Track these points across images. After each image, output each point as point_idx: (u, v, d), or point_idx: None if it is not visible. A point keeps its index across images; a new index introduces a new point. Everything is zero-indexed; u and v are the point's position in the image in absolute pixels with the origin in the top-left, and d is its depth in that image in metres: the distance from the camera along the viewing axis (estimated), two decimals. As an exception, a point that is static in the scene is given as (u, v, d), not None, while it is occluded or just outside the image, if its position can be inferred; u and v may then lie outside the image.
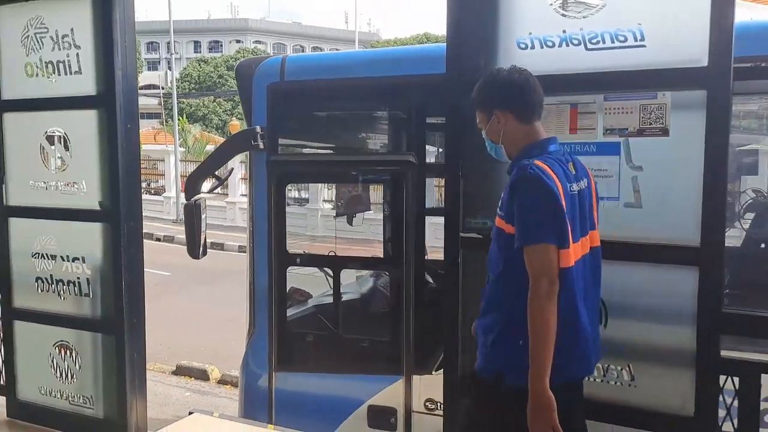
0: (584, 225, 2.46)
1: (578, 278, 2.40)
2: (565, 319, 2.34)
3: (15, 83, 4.11)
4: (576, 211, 2.42)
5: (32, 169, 4.07)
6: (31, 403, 4.27)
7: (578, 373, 2.52)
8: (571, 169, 2.47)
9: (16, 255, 4.25)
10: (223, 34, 67.23)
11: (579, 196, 2.44)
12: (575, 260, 2.37)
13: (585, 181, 2.52)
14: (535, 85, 2.53)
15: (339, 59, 5.77)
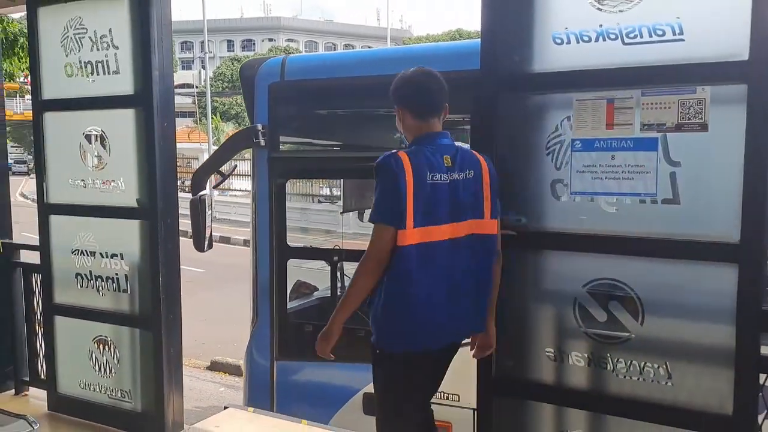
0: (455, 212, 2.62)
1: (426, 257, 2.58)
2: (396, 294, 2.61)
3: (55, 83, 4.19)
4: (440, 198, 2.59)
5: (71, 167, 4.15)
6: (72, 397, 4.36)
7: (415, 345, 2.68)
8: (446, 162, 2.62)
9: (57, 252, 4.34)
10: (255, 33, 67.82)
11: (451, 186, 2.61)
12: (419, 242, 2.56)
13: (469, 172, 2.66)
14: (431, 86, 2.74)
15: (337, 59, 5.94)
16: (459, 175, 2.64)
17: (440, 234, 2.61)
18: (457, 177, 2.64)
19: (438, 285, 2.64)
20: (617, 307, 2.72)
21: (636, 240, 2.67)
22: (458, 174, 2.64)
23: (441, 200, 2.60)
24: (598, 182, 2.71)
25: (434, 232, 2.59)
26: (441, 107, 2.76)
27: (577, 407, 2.87)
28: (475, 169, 2.68)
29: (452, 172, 2.63)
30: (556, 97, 2.84)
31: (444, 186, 2.60)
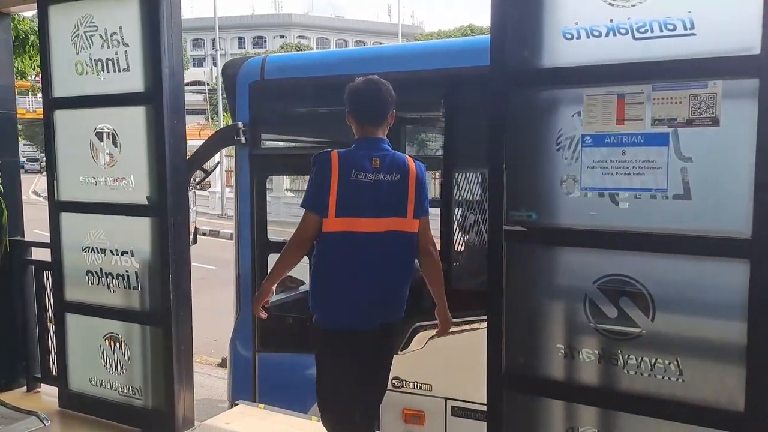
0: (380, 208, 2.96)
1: (343, 245, 2.94)
2: (320, 277, 3.02)
3: (65, 81, 4.22)
4: (360, 195, 2.94)
5: (82, 165, 4.18)
6: (82, 394, 4.39)
7: (338, 323, 3.02)
8: (374, 164, 2.97)
9: (68, 249, 4.37)
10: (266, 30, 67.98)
11: (384, 186, 2.96)
12: (337, 230, 2.93)
13: (396, 175, 2.99)
14: (376, 99, 3.05)
15: (315, 59, 6.14)
16: (385, 176, 2.97)
17: (361, 226, 2.94)
18: (383, 178, 2.97)
19: (357, 271, 2.97)
20: (628, 304, 2.70)
21: (647, 236, 2.65)
22: (384, 175, 2.97)
23: (363, 196, 2.94)
24: (608, 178, 2.70)
25: (355, 223, 2.94)
26: (383, 117, 3.09)
27: (587, 404, 2.86)
28: (402, 173, 3.01)
29: (378, 173, 2.97)
30: (566, 92, 2.82)
31: (367, 184, 2.94)
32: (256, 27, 68.73)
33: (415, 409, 3.91)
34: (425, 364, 4.29)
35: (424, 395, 4.35)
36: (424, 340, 4.36)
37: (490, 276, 2.99)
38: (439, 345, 4.18)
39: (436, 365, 4.33)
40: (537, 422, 3.00)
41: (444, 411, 4.25)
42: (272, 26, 68.36)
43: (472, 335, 4.14)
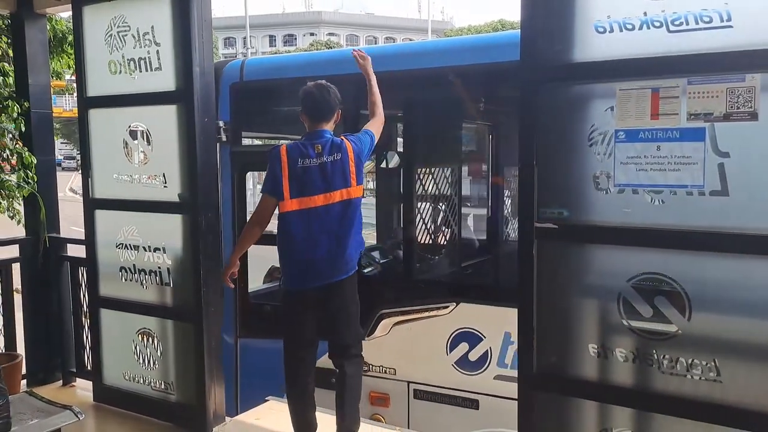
0: (328, 184, 3.50)
1: (298, 220, 3.51)
2: (282, 247, 3.61)
3: (99, 81, 4.28)
4: (309, 177, 3.50)
5: (116, 162, 4.23)
6: (116, 388, 4.45)
7: (294, 284, 3.61)
8: (317, 149, 3.53)
9: (102, 246, 4.43)
10: (297, 28, 68.31)
11: (320, 168, 3.51)
12: (302, 208, 3.50)
13: (337, 155, 3.52)
14: (321, 100, 3.62)
15: (289, 61, 6.44)
16: (327, 158, 3.52)
17: (314, 202, 3.51)
18: (326, 159, 3.52)
19: (311, 240, 3.52)
20: (663, 303, 2.64)
21: (683, 233, 2.59)
22: (327, 157, 3.52)
23: (312, 177, 3.51)
24: (642, 174, 2.64)
25: (309, 201, 3.51)
26: (327, 115, 3.64)
27: (621, 405, 2.81)
28: (342, 152, 3.54)
29: (321, 156, 3.52)
30: (598, 87, 2.76)
31: (315, 167, 3.51)
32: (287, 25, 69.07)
33: (381, 392, 4.15)
34: (389, 350, 4.52)
35: (389, 379, 4.58)
36: (389, 327, 4.57)
37: (520, 274, 2.95)
38: (402, 332, 4.51)
39: (400, 351, 4.56)
40: (569, 423, 2.95)
41: (407, 394, 4.49)
42: (302, 24, 68.65)
43: (431, 322, 4.42)
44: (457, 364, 4.39)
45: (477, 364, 4.34)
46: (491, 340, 4.28)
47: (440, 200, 5.05)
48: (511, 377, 4.01)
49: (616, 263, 2.77)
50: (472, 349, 4.35)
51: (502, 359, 4.10)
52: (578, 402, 2.91)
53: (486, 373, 4.31)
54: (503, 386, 4.14)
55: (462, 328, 4.36)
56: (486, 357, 4.31)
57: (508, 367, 4.15)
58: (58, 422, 3.53)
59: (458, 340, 4.37)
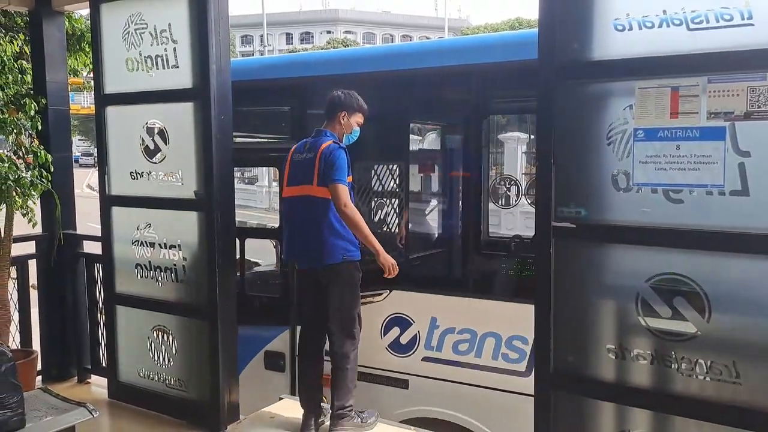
0: (299, 179, 3.94)
1: (289, 206, 4.03)
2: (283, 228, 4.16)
3: (116, 78, 4.30)
4: (296, 169, 3.98)
5: (132, 159, 4.25)
6: (131, 385, 4.47)
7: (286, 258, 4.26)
8: (306, 147, 3.97)
9: (118, 242, 4.45)
10: (313, 26, 68.46)
11: (304, 162, 3.93)
12: (288, 195, 4.01)
13: (311, 155, 3.90)
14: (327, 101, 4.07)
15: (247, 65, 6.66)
16: (307, 155, 3.93)
17: (292, 192, 3.98)
18: (306, 156, 3.93)
19: (292, 226, 4.02)
20: (682, 303, 2.62)
21: (702, 233, 2.56)
22: (306, 155, 3.93)
23: (296, 171, 3.97)
24: (662, 173, 2.62)
25: (290, 191, 4.00)
26: (331, 114, 4.05)
27: (639, 406, 2.78)
28: (315, 152, 3.88)
29: (305, 153, 3.95)
30: (617, 85, 2.75)
31: (300, 162, 3.96)
32: (304, 23, 69.25)
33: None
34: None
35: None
36: None
37: (537, 273, 2.94)
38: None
39: None
40: (586, 424, 2.93)
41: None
42: (319, 22, 68.80)
43: (368, 309, 4.57)
44: (390, 347, 4.73)
45: (407, 346, 4.68)
46: (419, 325, 4.64)
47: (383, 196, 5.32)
48: (436, 359, 4.49)
49: (634, 263, 2.75)
50: (403, 333, 4.70)
51: (429, 342, 4.45)
52: (595, 403, 2.89)
53: (415, 355, 4.65)
54: (430, 367, 4.52)
55: (394, 313, 4.70)
56: (415, 340, 4.65)
57: (434, 350, 4.50)
58: (72, 419, 3.54)
59: (391, 324, 4.72)
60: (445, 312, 4.55)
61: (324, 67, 5.33)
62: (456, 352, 4.48)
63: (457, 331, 4.48)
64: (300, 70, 5.37)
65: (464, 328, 4.46)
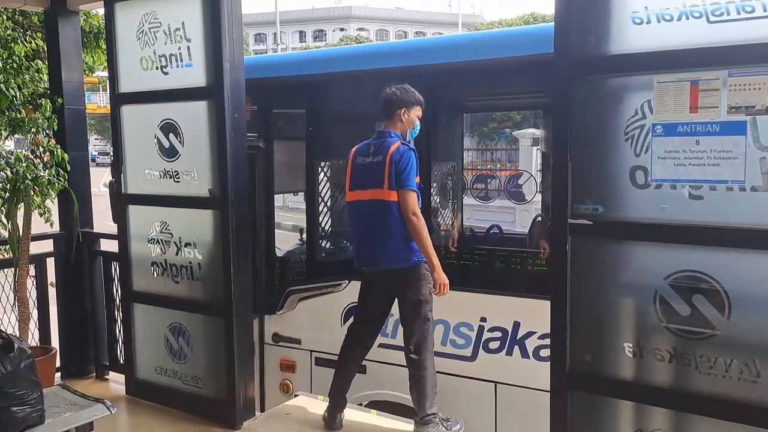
0: (366, 183, 3.84)
1: (353, 211, 3.97)
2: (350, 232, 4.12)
3: (131, 77, 4.30)
4: (361, 173, 3.88)
5: (148, 158, 4.26)
6: (148, 382, 4.49)
7: (356, 264, 4.01)
8: (371, 149, 3.86)
9: (135, 241, 4.46)
10: (326, 23, 68.42)
11: (370, 166, 3.83)
12: (354, 200, 3.93)
13: (379, 157, 3.79)
14: (383, 99, 3.91)
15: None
16: (374, 159, 3.83)
17: (358, 196, 3.90)
18: (373, 160, 3.83)
19: (359, 230, 3.96)
20: (701, 301, 2.58)
21: (722, 230, 2.53)
22: (373, 158, 3.83)
23: (361, 175, 3.88)
24: (681, 169, 2.58)
25: (355, 195, 3.92)
26: (384, 113, 3.95)
27: (657, 405, 2.75)
28: (383, 155, 3.78)
29: (371, 156, 3.85)
30: (635, 79, 2.71)
31: (364, 165, 3.86)
32: (317, 20, 69.21)
33: (289, 360, 4.75)
34: (296, 323, 5.12)
35: (295, 348, 5.15)
36: (295, 302, 5.14)
37: (553, 271, 2.91)
38: (306, 306, 5.11)
39: (304, 323, 5.14)
40: (603, 423, 2.91)
41: (310, 361, 5.10)
42: (332, 19, 68.72)
43: (329, 298, 4.98)
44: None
45: None
46: None
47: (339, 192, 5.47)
48: (391, 345, 4.62)
49: (652, 261, 2.72)
50: None
51: (384, 329, 4.51)
52: (612, 401, 2.87)
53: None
54: (386, 353, 4.68)
55: (353, 302, 4.68)
56: None
57: (389, 337, 4.66)
58: (90, 415, 3.56)
59: (350, 313, 4.76)
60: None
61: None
62: None
63: None
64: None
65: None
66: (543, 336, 4.14)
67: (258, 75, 4.92)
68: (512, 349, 4.33)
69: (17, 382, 3.25)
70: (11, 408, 3.22)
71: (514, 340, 4.32)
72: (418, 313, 3.82)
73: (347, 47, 19.94)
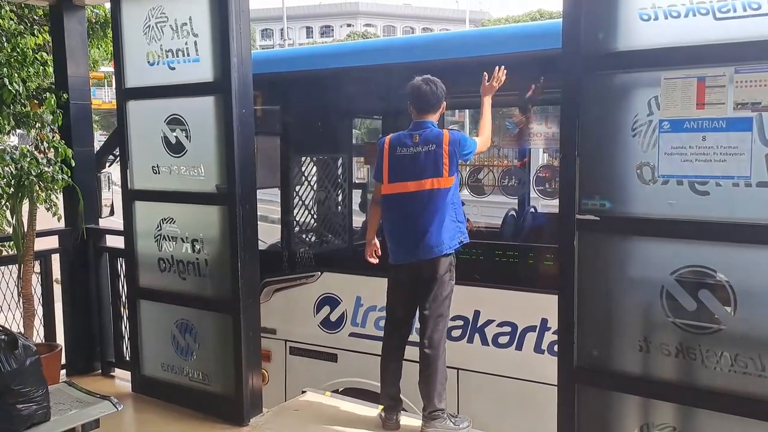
0: (418, 173, 3.80)
1: (393, 204, 3.90)
2: (384, 227, 4.01)
3: (137, 72, 4.30)
4: (404, 164, 3.84)
5: (154, 154, 4.26)
6: (155, 379, 4.49)
7: (394, 259, 3.93)
8: (414, 140, 3.84)
9: (141, 237, 4.46)
10: (334, 19, 68.42)
11: (418, 155, 3.81)
12: (390, 192, 3.89)
13: (431, 146, 3.79)
14: (424, 92, 3.87)
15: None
16: (422, 148, 3.81)
17: (406, 188, 3.84)
18: (420, 149, 3.81)
19: (403, 222, 3.87)
20: (708, 296, 2.60)
21: (728, 225, 2.54)
22: (421, 147, 3.81)
23: (406, 165, 3.83)
24: (687, 165, 2.59)
25: (402, 186, 3.85)
26: (431, 106, 3.90)
27: (664, 399, 2.77)
28: (437, 143, 3.79)
29: (417, 146, 3.82)
30: (642, 75, 2.72)
31: (409, 156, 3.83)
32: (324, 16, 69.18)
33: (265, 349, 4.73)
34: (272, 313, 5.17)
35: (271, 338, 5.25)
36: (271, 293, 5.29)
37: (561, 266, 2.92)
38: (281, 297, 5.29)
39: (279, 314, 5.28)
40: (610, 417, 2.92)
41: (285, 350, 5.31)
42: (339, 15, 68.66)
43: (302, 289, 5.20)
44: (321, 324, 5.15)
45: (336, 323, 5.11)
46: (347, 304, 5.07)
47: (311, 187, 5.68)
48: (361, 334, 4.93)
49: (659, 256, 2.73)
50: (333, 311, 5.13)
51: (355, 319, 4.92)
52: (619, 396, 2.88)
53: (343, 332, 5.08)
54: (356, 342, 4.96)
55: (325, 293, 5.13)
56: (343, 318, 5.08)
57: (359, 326, 4.96)
58: (96, 412, 3.56)
59: (322, 303, 5.15)
60: (369, 292, 4.94)
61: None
62: (378, 328, 4.81)
63: (379, 308, 4.83)
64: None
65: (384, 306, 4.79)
66: (501, 324, 4.45)
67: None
68: (473, 337, 4.57)
69: (22, 379, 3.25)
70: (17, 405, 3.22)
71: (475, 328, 4.55)
72: (441, 305, 3.86)
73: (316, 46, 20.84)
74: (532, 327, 4.33)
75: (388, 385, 3.99)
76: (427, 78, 3.91)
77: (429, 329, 3.86)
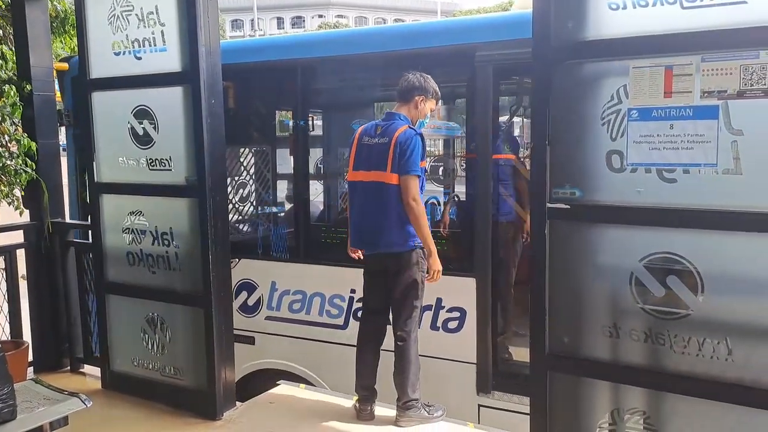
0: (370, 164, 3.86)
1: (354, 192, 3.97)
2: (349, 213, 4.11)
3: (103, 62, 4.23)
4: (365, 154, 3.90)
5: (121, 146, 4.20)
6: (125, 374, 4.44)
7: (352, 244, 4.08)
8: (377, 131, 3.89)
9: (108, 230, 4.40)
10: (305, 10, 67.95)
11: (374, 147, 3.86)
12: (355, 180, 3.94)
13: (385, 139, 3.81)
14: (400, 80, 3.95)
15: None
16: (380, 140, 3.84)
17: (361, 177, 3.91)
18: (379, 141, 3.85)
19: (359, 211, 3.96)
20: (676, 282, 2.64)
21: (696, 212, 2.58)
22: (380, 139, 3.85)
23: (366, 154, 3.89)
24: (655, 153, 2.62)
25: (357, 175, 3.93)
26: (400, 95, 3.97)
27: (633, 384, 2.81)
28: (389, 137, 3.80)
29: (377, 137, 3.87)
30: (611, 65, 2.74)
31: (370, 146, 3.88)
32: (295, 7, 68.60)
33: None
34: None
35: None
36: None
37: (532, 255, 2.94)
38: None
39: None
40: (581, 403, 2.95)
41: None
42: (311, 6, 68.19)
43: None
44: (240, 308, 5.45)
45: (253, 307, 5.44)
46: (262, 289, 5.40)
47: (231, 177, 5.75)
48: (277, 317, 5.29)
49: (628, 243, 2.76)
50: (250, 296, 5.45)
51: (270, 303, 5.23)
52: (590, 382, 2.91)
53: (259, 315, 5.42)
54: (271, 325, 5.31)
55: (243, 279, 5.44)
56: (259, 302, 5.41)
57: (274, 310, 5.30)
58: (64, 410, 3.49)
59: (240, 289, 5.46)
60: (283, 278, 5.32)
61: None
62: (291, 311, 5.25)
63: (292, 292, 5.24)
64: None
65: (297, 289, 5.19)
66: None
67: None
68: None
69: (-14, 377, 3.16)
70: (-19, 404, 3.14)
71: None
72: (407, 298, 3.86)
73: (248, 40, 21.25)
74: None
75: (362, 377, 3.99)
76: (416, 71, 3.97)
77: (400, 321, 3.87)
